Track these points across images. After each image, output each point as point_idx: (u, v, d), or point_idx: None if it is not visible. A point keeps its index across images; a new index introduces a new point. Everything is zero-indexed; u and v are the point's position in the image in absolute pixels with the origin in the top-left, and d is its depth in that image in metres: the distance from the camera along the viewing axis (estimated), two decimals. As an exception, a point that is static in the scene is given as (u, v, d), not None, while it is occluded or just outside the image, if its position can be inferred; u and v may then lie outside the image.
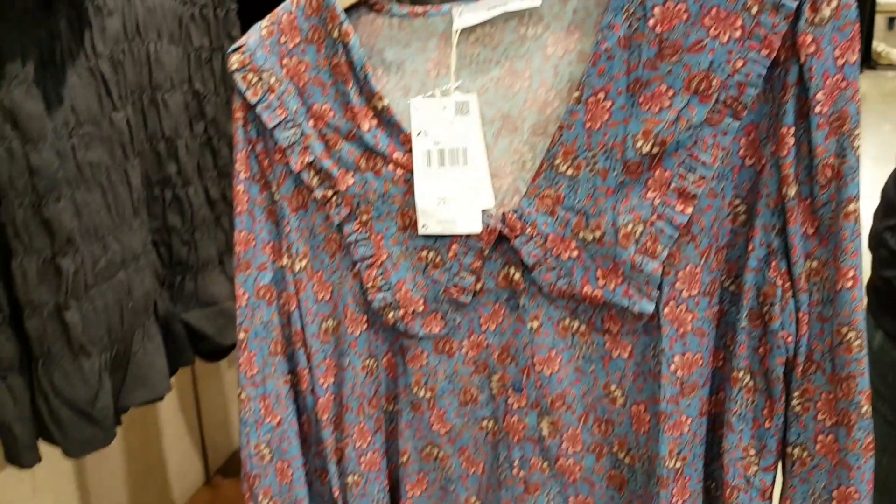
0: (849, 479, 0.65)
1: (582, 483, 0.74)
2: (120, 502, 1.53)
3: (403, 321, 0.72)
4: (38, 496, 1.30)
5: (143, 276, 0.88)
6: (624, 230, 0.64)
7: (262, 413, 0.75)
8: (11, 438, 0.82)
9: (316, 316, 0.74)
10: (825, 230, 0.61)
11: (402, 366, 0.74)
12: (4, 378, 0.81)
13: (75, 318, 0.81)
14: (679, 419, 0.68)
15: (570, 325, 0.69)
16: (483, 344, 0.72)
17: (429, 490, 0.78)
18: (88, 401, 0.82)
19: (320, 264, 0.73)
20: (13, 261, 0.79)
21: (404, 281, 0.71)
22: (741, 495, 0.70)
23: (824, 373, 0.64)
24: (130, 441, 1.53)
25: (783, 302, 0.63)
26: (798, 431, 0.66)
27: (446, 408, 0.75)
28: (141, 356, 0.87)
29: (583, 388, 0.71)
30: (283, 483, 0.77)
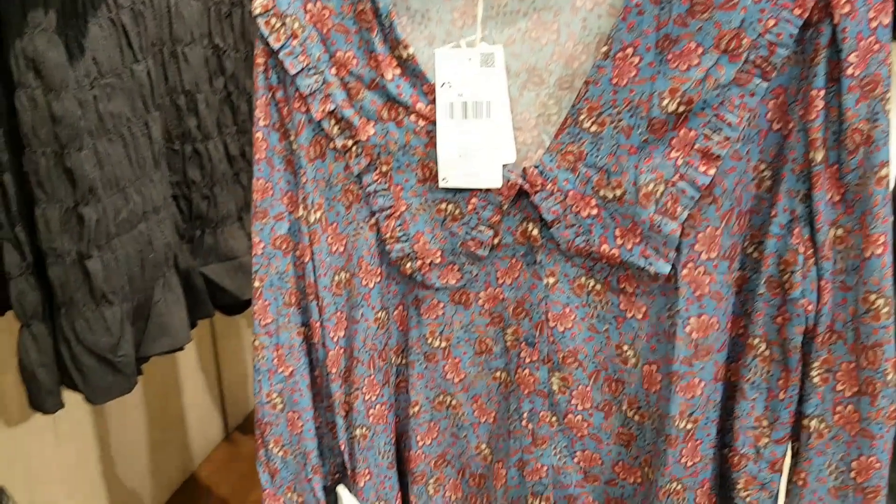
0: (871, 449, 0.64)
1: (589, 439, 0.75)
2: (140, 457, 1.56)
3: (421, 272, 0.72)
4: (60, 451, 1.33)
5: (163, 229, 0.89)
6: (645, 189, 0.63)
7: (274, 363, 0.76)
8: (35, 384, 0.84)
9: (329, 268, 0.74)
10: (852, 197, 0.60)
11: (416, 317, 0.75)
12: (28, 325, 0.83)
13: (97, 266, 0.82)
14: (692, 381, 0.68)
15: (586, 283, 0.69)
16: (499, 297, 0.72)
17: (439, 437, 0.79)
18: (110, 348, 0.83)
19: (335, 216, 0.73)
20: (36, 209, 0.80)
21: (422, 233, 0.71)
22: (749, 464, 0.69)
23: (845, 342, 0.63)
24: (151, 397, 1.56)
25: (805, 270, 0.63)
26: (816, 403, 0.65)
27: (461, 357, 0.75)
28: (162, 306, 0.88)
29: (595, 346, 0.71)
30: (293, 433, 0.78)
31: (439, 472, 0.81)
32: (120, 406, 1.47)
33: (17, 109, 0.77)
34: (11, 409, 1.24)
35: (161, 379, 1.60)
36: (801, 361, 0.65)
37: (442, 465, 0.81)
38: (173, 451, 1.67)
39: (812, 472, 0.67)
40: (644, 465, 0.75)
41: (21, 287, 0.81)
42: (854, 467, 0.65)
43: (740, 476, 0.70)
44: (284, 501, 0.80)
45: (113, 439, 1.47)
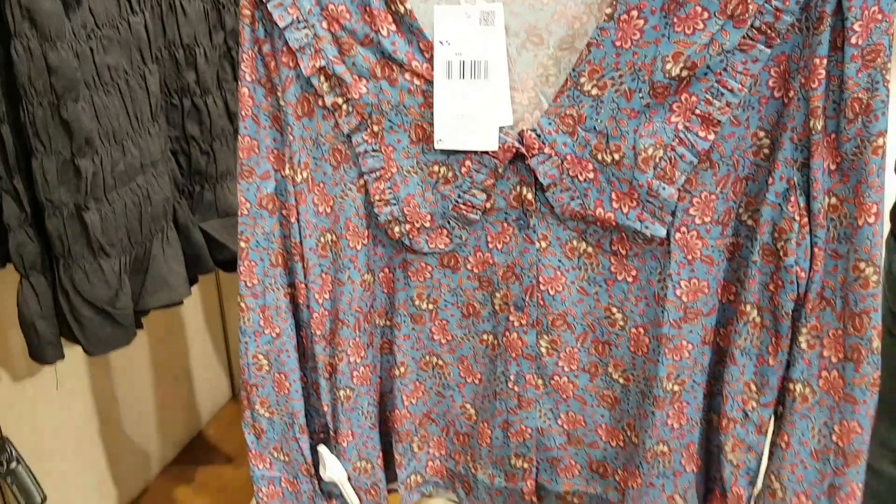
0: (853, 414, 0.65)
1: (574, 401, 0.76)
2: (147, 415, 1.58)
3: (409, 236, 0.71)
4: (67, 408, 1.35)
5: (161, 183, 0.89)
6: (644, 154, 0.63)
7: (260, 324, 0.75)
8: (35, 335, 0.85)
9: (315, 229, 0.73)
10: (848, 166, 0.60)
11: (403, 279, 0.75)
12: (27, 277, 0.84)
13: (94, 219, 0.82)
14: (680, 343, 0.69)
15: (578, 246, 0.69)
16: (489, 261, 0.72)
17: (424, 397, 0.80)
18: (108, 300, 0.84)
19: (322, 176, 0.72)
20: (34, 160, 0.80)
21: (413, 196, 0.70)
22: (737, 428, 0.70)
23: (834, 309, 0.64)
24: (157, 357, 1.58)
25: (799, 237, 0.63)
26: (802, 368, 0.66)
27: (448, 319, 0.76)
28: (160, 260, 0.89)
29: (584, 308, 0.72)
30: (280, 394, 0.78)
31: (424, 430, 0.82)
32: (126, 365, 1.49)
33: (12, 60, 0.77)
34: (17, 365, 1.25)
35: (167, 339, 1.61)
36: (790, 328, 0.66)
37: (426, 424, 0.82)
38: (180, 410, 1.70)
39: (795, 435, 0.68)
40: (627, 429, 0.76)
41: (20, 238, 0.82)
42: (836, 431, 0.66)
43: (727, 439, 0.71)
44: (271, 461, 0.81)
45: (119, 397, 1.49)
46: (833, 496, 0.68)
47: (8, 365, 1.23)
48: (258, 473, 0.81)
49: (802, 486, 0.68)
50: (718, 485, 0.75)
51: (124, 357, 1.48)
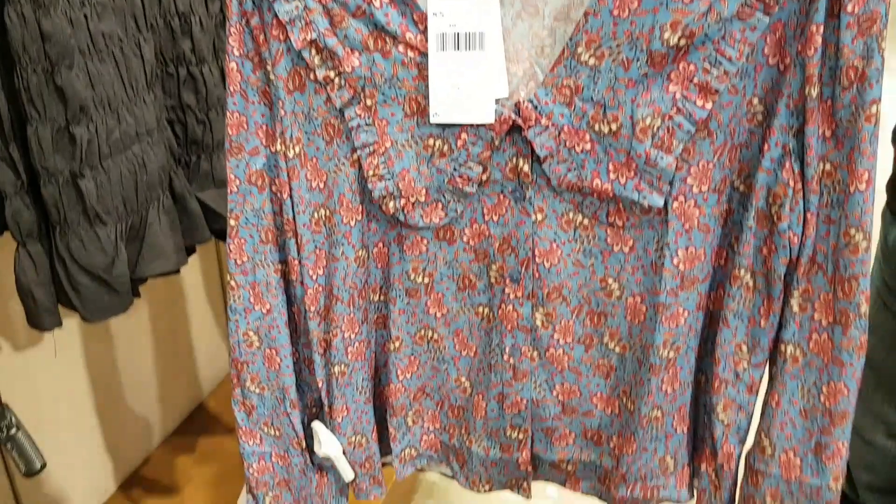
0: (840, 376, 0.67)
1: (569, 372, 0.77)
2: (149, 386, 1.59)
3: (404, 211, 0.71)
4: (68, 378, 1.36)
5: (157, 151, 0.89)
6: (642, 124, 0.63)
7: (251, 301, 0.75)
8: (32, 302, 0.85)
9: (308, 205, 0.72)
10: (842, 133, 0.61)
11: (398, 254, 0.75)
12: (24, 244, 0.84)
13: (90, 186, 0.82)
14: (676, 311, 0.70)
15: (574, 218, 0.69)
16: (485, 233, 0.72)
17: (419, 371, 0.80)
18: (105, 268, 0.85)
19: (315, 150, 0.71)
20: (28, 127, 0.80)
21: (408, 170, 0.69)
22: (729, 388, 0.72)
23: (825, 274, 0.65)
24: (158, 329, 1.59)
25: (793, 203, 0.64)
26: (793, 330, 0.68)
27: (444, 292, 0.76)
28: (156, 229, 0.89)
29: (580, 280, 0.72)
30: (270, 370, 0.78)
31: (418, 404, 0.83)
32: (127, 336, 1.50)
33: (6, 26, 0.77)
34: (17, 335, 1.26)
35: (167, 311, 1.62)
36: (783, 291, 0.67)
37: (421, 398, 0.82)
38: (182, 382, 1.71)
39: (786, 394, 0.69)
40: (622, 396, 0.77)
41: (16, 206, 0.82)
42: (824, 392, 0.68)
43: (719, 399, 0.72)
44: (261, 437, 0.81)
45: (120, 368, 1.50)
46: (819, 454, 0.70)
47: (8, 334, 1.24)
48: (248, 450, 0.81)
49: (790, 443, 0.71)
50: (707, 443, 0.76)
51: (125, 329, 1.49)
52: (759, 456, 0.72)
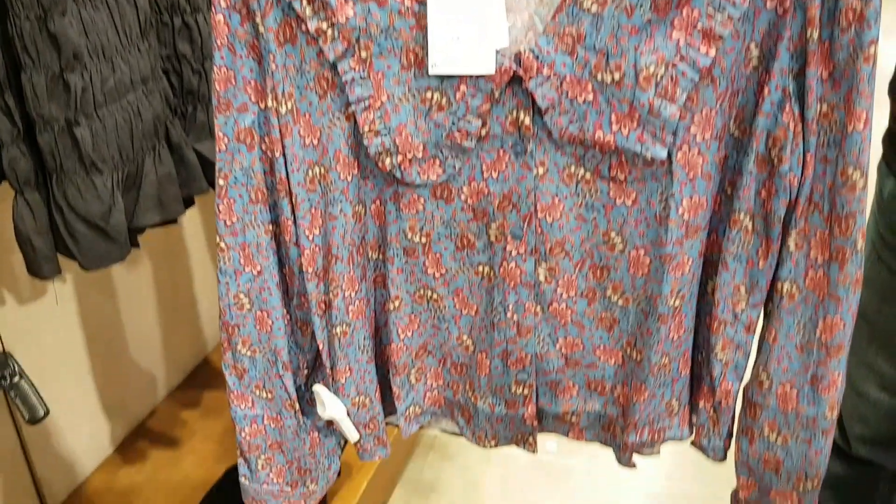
0: (836, 311, 0.68)
1: (572, 326, 0.77)
2: (153, 341, 1.61)
3: (400, 167, 0.69)
4: (72, 332, 1.37)
5: (152, 100, 0.89)
6: (645, 72, 0.62)
7: (241, 262, 0.74)
8: (31, 251, 0.86)
9: (302, 162, 0.70)
10: (839, 74, 0.61)
11: (394, 212, 0.73)
12: (22, 193, 0.85)
13: (85, 134, 0.83)
14: (681, 260, 0.70)
15: (576, 172, 0.69)
16: (484, 191, 0.71)
17: (420, 329, 0.80)
18: (101, 216, 0.85)
19: (308, 106, 0.68)
20: (23, 75, 0.80)
21: (405, 125, 0.67)
22: (727, 329, 0.73)
23: (821, 213, 0.66)
24: (161, 284, 1.60)
25: (793, 145, 0.64)
26: (790, 268, 0.69)
27: (442, 252, 0.75)
28: (152, 178, 0.90)
29: (582, 235, 0.72)
30: (262, 332, 0.77)
31: (420, 362, 0.82)
32: (130, 291, 1.51)
33: (-2, -28, 0.77)
34: (21, 288, 1.28)
35: (170, 267, 1.63)
36: (781, 232, 0.68)
37: (423, 356, 0.82)
38: (185, 337, 1.73)
39: (782, 330, 0.71)
40: (626, 347, 0.78)
41: (13, 154, 0.83)
42: (820, 327, 0.70)
43: (718, 340, 0.74)
44: (253, 400, 0.80)
45: (125, 323, 1.52)
46: (815, 385, 0.72)
47: (12, 288, 1.26)
48: (240, 413, 0.80)
49: (787, 376, 0.73)
50: (706, 382, 0.78)
51: (127, 283, 1.51)
52: (757, 390, 0.74)
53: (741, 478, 0.80)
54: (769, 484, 0.78)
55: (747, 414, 0.76)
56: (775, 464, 0.77)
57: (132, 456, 1.53)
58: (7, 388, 0.98)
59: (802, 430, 0.74)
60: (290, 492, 0.85)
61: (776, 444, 0.76)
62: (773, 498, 0.79)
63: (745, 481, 0.80)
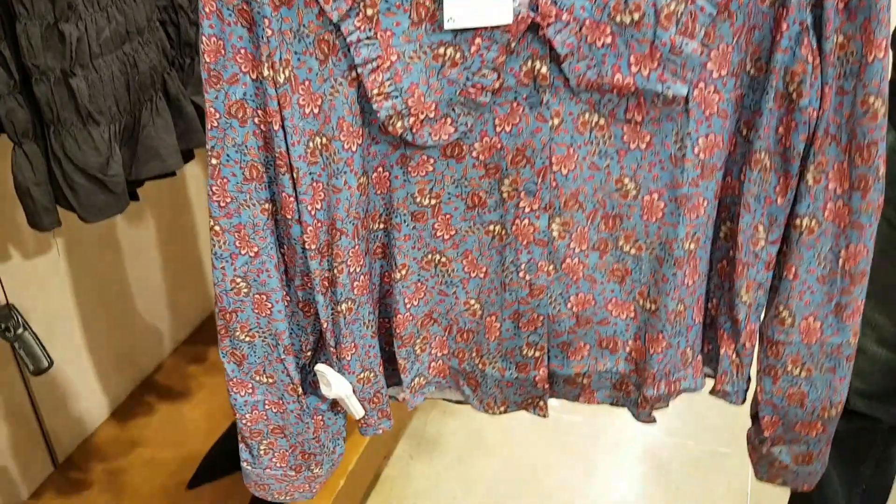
0: (860, 238, 0.70)
1: (584, 281, 0.76)
2: (159, 296, 1.62)
3: (412, 130, 0.66)
4: (78, 287, 1.38)
5: (148, 51, 0.89)
6: (666, 10, 0.62)
7: (236, 245, 0.71)
8: (31, 202, 0.87)
9: (303, 134, 0.66)
10: (855, 4, 0.61)
11: (402, 176, 0.71)
12: (20, 144, 0.85)
13: (81, 85, 0.82)
14: (697, 202, 0.70)
15: (590, 119, 0.67)
16: (496, 146, 0.69)
17: (426, 297, 0.78)
18: (99, 167, 0.85)
19: (307, 72, 0.64)
20: (17, 24, 0.80)
21: (417, 84, 0.64)
22: (750, 270, 0.74)
23: (839, 144, 0.66)
24: (165, 240, 1.61)
25: (812, 78, 0.64)
26: (808, 203, 0.69)
27: (452, 213, 0.73)
28: (150, 130, 0.89)
29: (595, 184, 0.71)
30: (261, 316, 0.74)
31: (425, 331, 0.81)
32: (136, 248, 1.52)
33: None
34: (26, 242, 1.29)
35: (175, 222, 1.64)
36: (799, 168, 0.68)
37: (428, 324, 0.81)
38: (192, 293, 1.74)
39: (802, 265, 0.72)
40: (638, 297, 0.77)
41: (10, 105, 0.83)
42: (842, 256, 0.71)
43: (742, 283, 0.74)
44: (253, 386, 0.78)
45: (131, 278, 1.53)
46: (839, 314, 0.73)
47: (17, 242, 1.27)
48: (240, 400, 0.78)
49: (810, 309, 0.73)
50: (725, 327, 0.78)
51: (133, 239, 1.52)
52: (779, 328, 0.75)
53: (765, 417, 0.80)
54: (794, 418, 0.79)
55: (768, 353, 0.77)
56: (800, 397, 0.77)
57: (139, 409, 1.56)
58: (11, 340, 0.99)
59: (827, 360, 0.75)
60: (293, 476, 0.84)
61: (800, 378, 0.76)
62: (798, 431, 0.80)
63: (770, 419, 0.80)
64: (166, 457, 1.45)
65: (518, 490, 1.58)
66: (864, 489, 1.16)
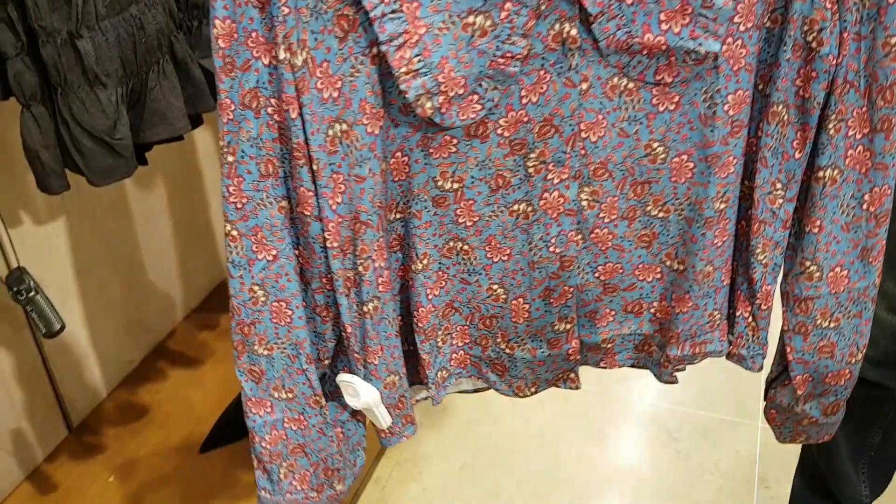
0: (883, 179, 0.69)
1: (612, 250, 0.75)
2: (170, 264, 1.63)
3: (440, 110, 0.62)
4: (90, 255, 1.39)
5: (154, 13, 0.88)
6: None
7: (253, 249, 0.66)
8: (40, 165, 0.87)
9: (322, 121, 0.62)
10: None
11: (423, 160, 0.67)
12: (28, 106, 0.85)
13: (88, 47, 0.82)
14: (727, 160, 0.69)
15: (619, 83, 0.65)
16: (523, 119, 0.66)
17: (447, 286, 0.75)
18: (107, 130, 0.86)
19: (326, 52, 0.59)
20: (23, -15, 0.80)
21: (447, 58, 0.59)
22: (766, 228, 0.73)
23: (857, 90, 0.66)
24: (176, 208, 1.61)
25: (832, 25, 0.63)
26: (829, 154, 0.68)
27: (475, 198, 0.70)
28: (157, 93, 0.89)
29: (624, 152, 0.69)
30: (280, 325, 0.70)
31: (447, 321, 0.77)
32: (146, 214, 1.53)
33: None
34: (39, 209, 1.30)
35: (185, 189, 1.64)
36: (818, 118, 0.68)
37: (449, 314, 0.77)
38: (202, 260, 1.75)
39: (827, 217, 0.71)
40: (666, 259, 0.76)
41: (18, 67, 0.83)
42: (866, 199, 0.70)
43: (759, 241, 0.74)
44: (271, 404, 0.74)
45: (142, 244, 1.54)
46: (865, 257, 0.73)
47: (28, 207, 1.28)
48: (259, 422, 0.74)
49: (836, 259, 0.73)
50: (742, 288, 0.78)
51: (144, 207, 1.52)
52: (807, 283, 0.74)
53: (797, 377, 0.79)
54: (825, 370, 0.79)
55: (796, 311, 0.76)
56: (830, 349, 0.77)
57: (152, 375, 1.58)
58: (24, 303, 1.00)
59: (854, 306, 0.75)
60: (315, 497, 0.80)
61: (829, 330, 0.76)
62: (828, 382, 0.79)
63: (801, 378, 0.79)
64: (178, 422, 1.47)
65: (526, 456, 1.59)
66: (871, 456, 1.16)
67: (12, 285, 1.00)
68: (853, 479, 1.17)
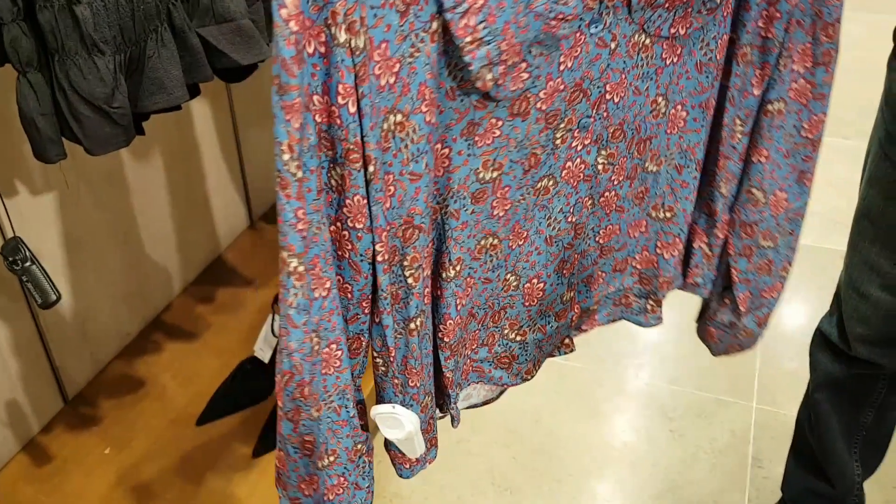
0: (821, 108, 0.75)
1: (615, 213, 0.77)
2: (168, 237, 1.63)
3: (497, 82, 0.57)
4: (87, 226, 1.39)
5: (153, -20, 0.87)
6: None
7: (313, 286, 0.56)
8: (36, 132, 0.86)
9: (378, 113, 0.54)
10: None
11: (466, 150, 0.61)
12: (24, 73, 0.84)
13: (86, 13, 0.81)
14: (712, 102, 0.74)
15: (639, 40, 0.67)
16: (559, 88, 0.63)
17: (470, 291, 0.71)
18: (105, 98, 0.85)
19: (385, 31, 0.52)
20: (20, -51, 0.79)
21: (509, 24, 0.55)
22: (729, 163, 0.78)
23: (803, 28, 0.71)
24: (174, 182, 1.61)
25: None
26: (777, 88, 0.74)
27: (510, 183, 0.66)
28: (155, 61, 0.88)
29: (636, 110, 0.71)
30: (328, 374, 0.60)
31: (465, 332, 0.74)
32: (143, 186, 1.53)
33: None
34: (36, 179, 1.29)
35: (182, 164, 1.64)
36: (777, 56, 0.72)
37: (468, 323, 0.74)
38: (200, 234, 1.75)
39: (773, 147, 0.77)
40: (653, 211, 0.80)
41: (14, 33, 0.82)
42: (805, 127, 0.76)
43: (722, 175, 0.78)
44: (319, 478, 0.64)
45: (139, 218, 1.54)
46: (802, 179, 0.79)
47: (25, 177, 1.27)
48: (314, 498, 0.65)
49: (778, 183, 0.78)
50: (699, 221, 0.83)
51: (142, 179, 1.52)
52: (752, 209, 0.80)
53: (741, 294, 0.85)
54: (763, 286, 0.84)
55: (742, 235, 0.82)
56: (768, 266, 0.83)
57: (149, 347, 1.58)
58: (19, 273, 1.00)
59: (788, 225, 0.81)
60: None
61: (769, 249, 0.82)
62: (764, 296, 0.85)
63: (743, 295, 0.85)
64: (175, 394, 1.47)
65: (522, 434, 1.60)
66: (864, 435, 1.17)
67: (8, 255, 0.99)
68: (846, 457, 1.18)
